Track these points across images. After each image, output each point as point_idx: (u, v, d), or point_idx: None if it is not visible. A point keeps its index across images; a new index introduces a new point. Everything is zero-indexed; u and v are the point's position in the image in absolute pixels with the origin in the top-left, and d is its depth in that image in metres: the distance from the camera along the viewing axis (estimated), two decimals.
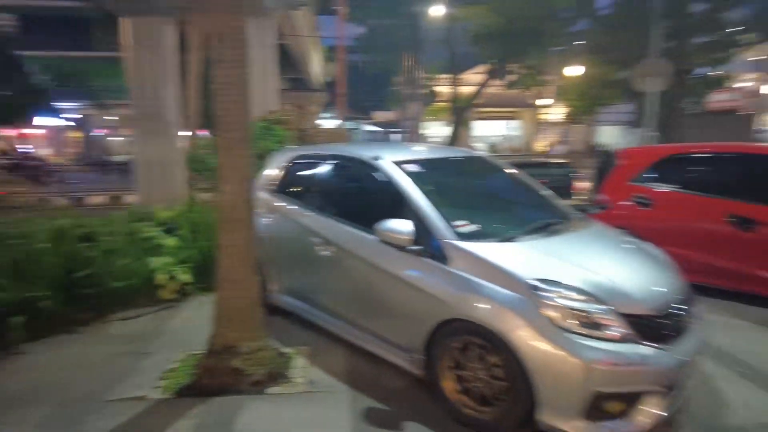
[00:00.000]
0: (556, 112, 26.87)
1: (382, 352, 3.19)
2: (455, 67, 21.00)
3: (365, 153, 3.65)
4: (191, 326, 3.99)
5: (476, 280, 2.63)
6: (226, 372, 3.03)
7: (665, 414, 2.46)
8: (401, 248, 2.92)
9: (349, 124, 18.75)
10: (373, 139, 20.43)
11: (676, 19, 14.15)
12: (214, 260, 3.20)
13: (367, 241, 3.16)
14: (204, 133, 6.23)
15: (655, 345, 2.44)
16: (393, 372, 3.13)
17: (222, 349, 3.07)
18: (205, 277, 4.45)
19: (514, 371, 2.45)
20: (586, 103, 21.82)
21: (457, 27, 19.58)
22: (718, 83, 18.95)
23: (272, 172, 4.29)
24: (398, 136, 24.24)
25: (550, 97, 25.56)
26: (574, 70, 20.35)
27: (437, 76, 22.41)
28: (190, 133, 6.02)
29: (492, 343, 2.53)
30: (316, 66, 17.97)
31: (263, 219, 3.94)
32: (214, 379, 3.04)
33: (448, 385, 2.75)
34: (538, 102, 26.85)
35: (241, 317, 3.13)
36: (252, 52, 3.11)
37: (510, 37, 16.15)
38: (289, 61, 11.77)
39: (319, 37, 19.04)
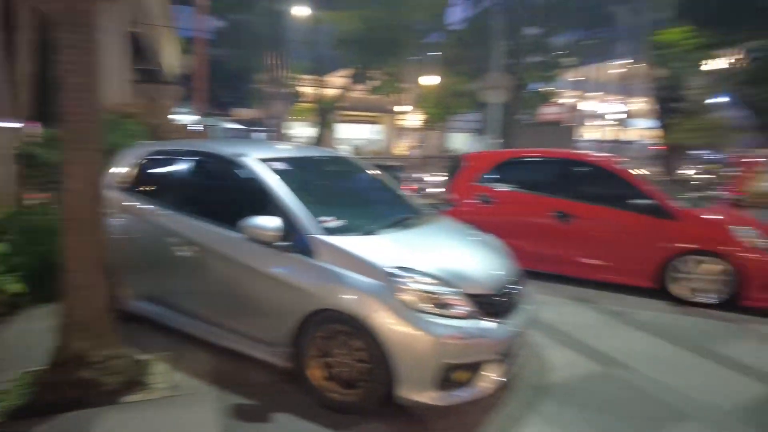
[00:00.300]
0: (413, 118, 28.56)
1: (248, 349, 3.19)
2: (320, 69, 21.18)
3: (229, 150, 3.61)
4: (25, 342, 3.54)
5: (341, 271, 2.80)
6: (75, 385, 2.79)
7: (504, 379, 2.88)
8: (268, 244, 2.97)
9: (207, 120, 17.76)
10: (235, 136, 19.63)
11: (513, 39, 16.04)
12: (55, 266, 2.90)
13: (231, 238, 3.15)
14: (36, 125, 5.47)
15: (494, 320, 2.84)
16: (260, 368, 3.16)
17: (68, 361, 2.82)
18: (42, 286, 3.97)
19: (375, 353, 2.67)
20: (440, 111, 23.58)
21: (322, 29, 19.80)
22: (547, 98, 21.93)
23: (123, 169, 3.99)
24: (261, 135, 23.63)
25: (409, 104, 27.10)
26: (430, 80, 21.93)
27: (301, 76, 22.38)
28: (19, 125, 5.23)
29: (356, 328, 2.72)
30: (171, 58, 16.71)
31: (113, 220, 3.65)
32: (60, 394, 2.77)
33: (315, 374, 2.88)
34: (398, 108, 28.30)
35: (91, 325, 2.89)
36: (101, 38, 2.89)
37: (370, 43, 16.81)
38: (141, 51, 10.80)
39: (175, 27, 17.73)
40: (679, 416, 2.98)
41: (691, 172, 15.24)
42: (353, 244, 2.94)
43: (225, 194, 3.70)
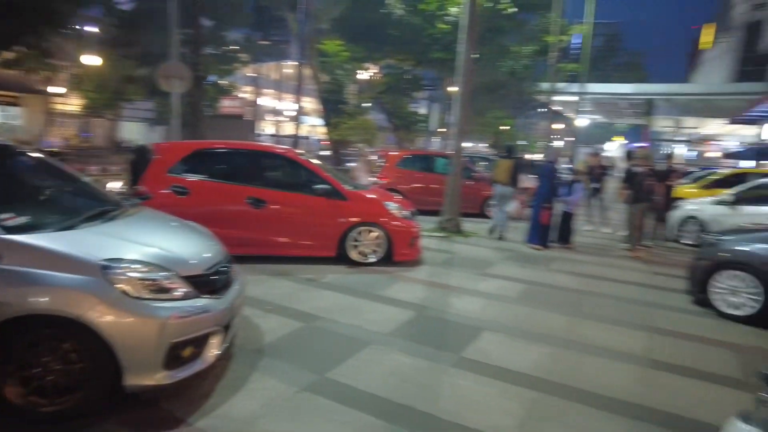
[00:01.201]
0: (73, 102, 24.41)
1: None
2: None
3: None
4: None
5: (39, 272, 2.53)
6: None
7: (224, 347, 3.18)
8: None
9: None
10: None
11: (190, 28, 15.69)
12: None
13: None
14: None
15: (211, 296, 3.10)
16: None
17: None
18: None
19: (94, 349, 2.56)
20: (105, 97, 20.96)
21: None
22: (226, 91, 22.34)
23: None
24: None
25: (64, 86, 22.98)
26: (91, 60, 19.16)
27: None
28: None
29: (67, 329, 2.53)
30: None
31: None
32: None
33: (13, 391, 2.53)
34: (51, 89, 23.62)
35: None
36: None
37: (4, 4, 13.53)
38: None
39: None
40: (362, 344, 3.92)
41: (353, 163, 18.44)
42: (51, 240, 2.67)
43: None
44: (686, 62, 64.35)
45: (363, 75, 21.02)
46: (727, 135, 33.81)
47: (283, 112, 38.93)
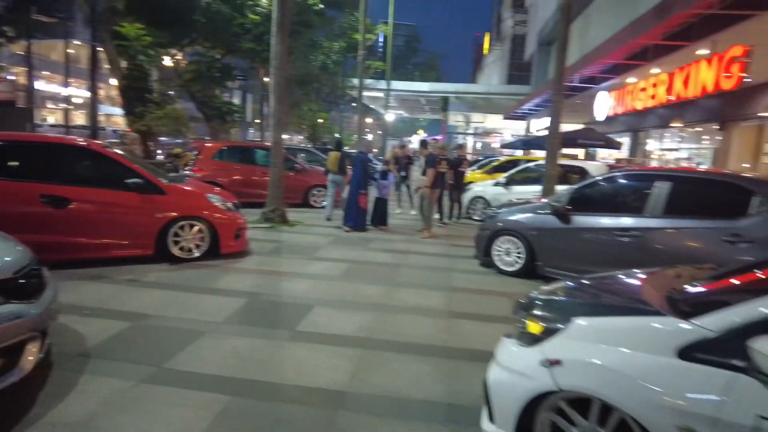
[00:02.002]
0: None
1: None
2: None
3: None
4: None
5: None
6: None
7: (43, 353, 2.97)
8: None
9: None
10: None
11: None
12: None
13: None
14: None
15: (23, 301, 2.86)
16: None
17: None
18: None
19: None
20: None
21: None
22: None
23: None
24: None
25: None
26: None
27: None
28: None
29: None
30: None
31: None
32: None
33: None
34: None
35: None
36: None
37: None
38: None
39: None
40: (197, 334, 3.96)
41: (162, 155, 17.08)
42: None
43: None
44: (473, 65, 74.27)
45: (168, 62, 19.50)
46: (506, 128, 40.24)
47: (71, 99, 33.62)
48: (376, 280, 5.95)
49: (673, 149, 19.32)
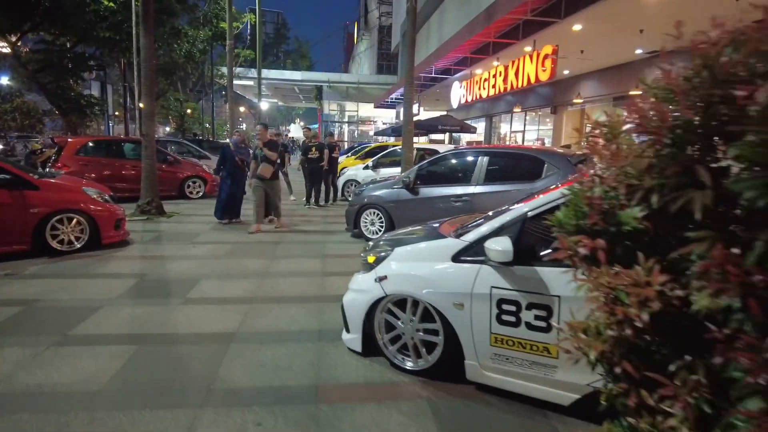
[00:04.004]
0: None
1: None
2: None
3: None
4: None
5: None
6: None
7: None
8: None
9: None
10: None
11: None
12: None
13: None
14: None
15: None
16: None
17: None
18: None
19: None
20: None
21: None
22: None
23: None
24: None
25: None
26: None
27: None
28: None
29: None
30: None
31: None
32: None
33: None
34: None
35: None
36: None
37: None
38: None
39: None
40: (94, 308, 4.40)
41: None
42: None
43: None
44: (345, 54, 75.52)
45: (6, 49, 17.58)
46: (379, 117, 42.12)
47: None
48: (258, 255, 6.68)
49: (521, 131, 22.35)
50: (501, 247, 2.73)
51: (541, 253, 2.69)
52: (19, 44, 17.35)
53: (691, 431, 1.16)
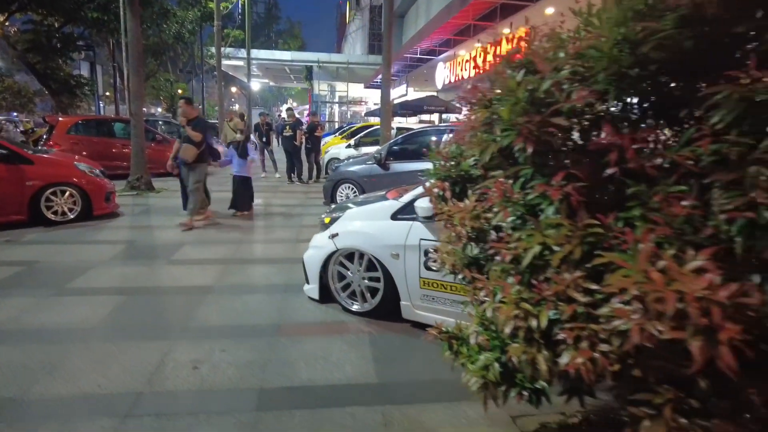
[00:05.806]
0: None
1: None
2: None
3: None
4: None
5: None
6: None
7: None
8: None
9: None
10: None
11: None
12: None
13: None
14: None
15: None
16: None
17: None
18: None
19: None
20: None
21: None
22: None
23: None
24: None
25: None
26: None
27: None
28: None
29: None
30: None
31: None
32: None
33: None
34: None
35: None
36: None
37: None
38: None
39: None
40: (87, 267, 4.96)
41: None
42: None
43: None
44: (337, 34, 74.99)
45: None
46: (370, 97, 42.24)
47: None
48: (237, 225, 7.23)
49: None
50: (426, 205, 3.28)
51: None
52: (7, 24, 17.50)
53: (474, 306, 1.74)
